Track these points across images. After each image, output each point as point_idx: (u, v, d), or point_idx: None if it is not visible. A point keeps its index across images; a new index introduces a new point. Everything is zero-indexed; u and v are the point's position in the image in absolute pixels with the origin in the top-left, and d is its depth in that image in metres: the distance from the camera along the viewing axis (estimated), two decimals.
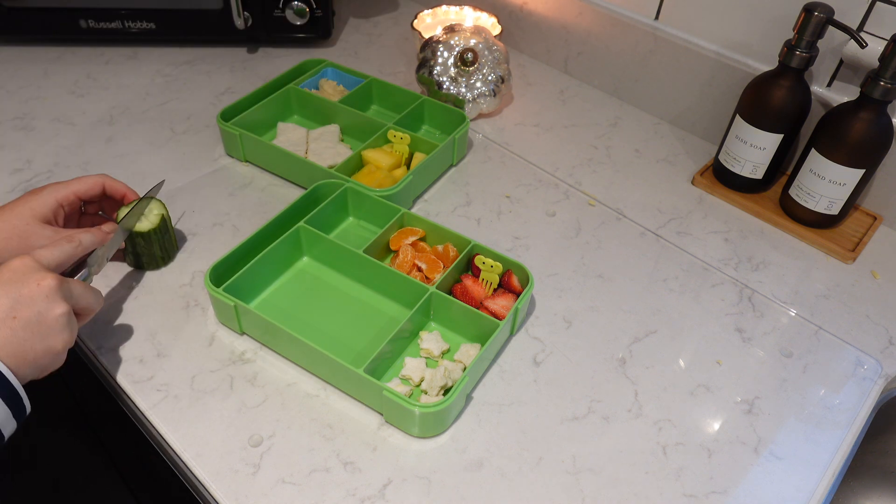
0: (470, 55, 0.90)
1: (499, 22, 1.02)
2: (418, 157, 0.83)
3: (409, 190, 0.78)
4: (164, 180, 0.74)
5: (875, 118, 0.72)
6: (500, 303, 0.66)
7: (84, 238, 0.59)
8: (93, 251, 0.61)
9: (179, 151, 0.86)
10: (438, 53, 0.90)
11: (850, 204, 0.78)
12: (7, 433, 0.49)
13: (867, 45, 0.71)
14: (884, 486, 0.83)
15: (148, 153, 0.85)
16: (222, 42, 1.06)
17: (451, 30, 0.92)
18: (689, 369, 0.66)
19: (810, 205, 0.79)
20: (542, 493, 0.56)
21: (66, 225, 0.66)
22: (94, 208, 0.71)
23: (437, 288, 0.65)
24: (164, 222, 0.69)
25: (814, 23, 0.72)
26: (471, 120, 0.92)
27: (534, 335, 0.68)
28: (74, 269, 0.60)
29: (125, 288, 0.69)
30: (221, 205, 0.79)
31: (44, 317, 0.51)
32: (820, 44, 0.75)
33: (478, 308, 0.66)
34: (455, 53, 0.90)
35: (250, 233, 0.69)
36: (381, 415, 0.60)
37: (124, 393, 0.61)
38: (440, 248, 0.71)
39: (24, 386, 0.50)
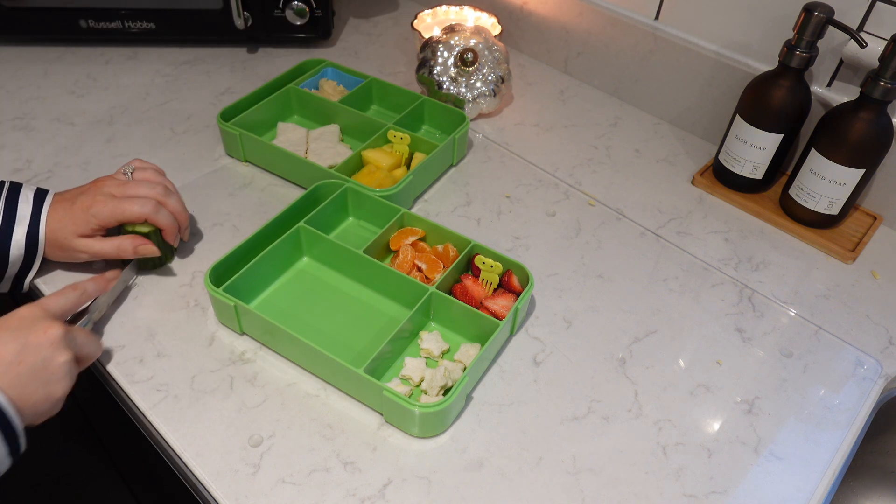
0: (470, 55, 0.90)
1: (499, 22, 1.02)
2: (418, 157, 0.83)
3: (409, 190, 0.78)
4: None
5: (875, 118, 0.72)
6: (500, 303, 0.66)
7: (89, 287, 0.61)
8: (95, 298, 0.63)
9: (179, 151, 0.86)
10: (438, 53, 0.90)
11: (850, 204, 0.78)
12: (0, 472, 0.50)
13: (867, 45, 0.71)
14: (884, 486, 0.83)
15: (148, 153, 0.85)
16: (222, 42, 1.06)
17: (451, 30, 0.92)
18: (689, 369, 0.66)
19: (810, 205, 0.79)
20: (542, 493, 0.56)
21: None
22: None
23: (437, 288, 0.65)
24: None
25: (814, 23, 0.72)
26: (471, 120, 0.92)
27: (534, 335, 0.68)
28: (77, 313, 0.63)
29: (125, 288, 0.69)
30: (221, 205, 0.79)
31: (48, 364, 0.52)
32: (820, 44, 0.75)
33: (478, 308, 0.66)
34: (455, 53, 0.90)
35: (250, 233, 0.69)
36: (381, 415, 0.60)
37: (124, 393, 0.61)
38: (440, 248, 0.71)
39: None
